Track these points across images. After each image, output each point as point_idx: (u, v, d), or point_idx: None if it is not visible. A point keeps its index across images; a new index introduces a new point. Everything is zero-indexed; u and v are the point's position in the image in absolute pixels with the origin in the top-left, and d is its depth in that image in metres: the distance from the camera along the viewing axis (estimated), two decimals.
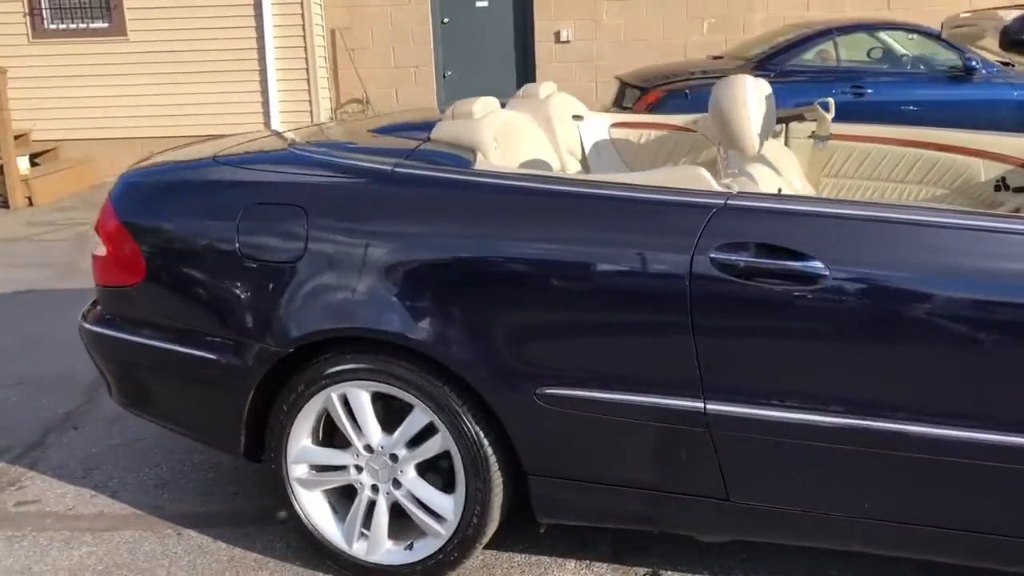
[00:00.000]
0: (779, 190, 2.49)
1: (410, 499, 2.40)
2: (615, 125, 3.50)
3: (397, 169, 2.34)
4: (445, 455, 2.35)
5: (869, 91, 7.47)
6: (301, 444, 2.45)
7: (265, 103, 9.81)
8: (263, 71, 9.71)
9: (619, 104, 8.27)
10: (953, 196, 3.24)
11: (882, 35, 7.85)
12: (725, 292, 2.00)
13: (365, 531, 2.47)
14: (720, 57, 8.54)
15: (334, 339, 2.34)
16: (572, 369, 2.16)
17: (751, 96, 2.42)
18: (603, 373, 2.13)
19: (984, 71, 7.59)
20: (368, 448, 2.40)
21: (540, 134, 2.91)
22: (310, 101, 9.87)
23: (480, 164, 2.36)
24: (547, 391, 2.18)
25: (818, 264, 1.95)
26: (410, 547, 2.45)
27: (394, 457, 2.39)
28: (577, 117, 3.38)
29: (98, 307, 2.73)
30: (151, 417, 2.76)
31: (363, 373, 2.33)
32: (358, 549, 2.47)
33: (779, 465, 2.07)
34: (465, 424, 2.27)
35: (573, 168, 3.22)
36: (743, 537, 2.22)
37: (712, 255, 2.01)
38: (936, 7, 10.15)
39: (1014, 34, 2.42)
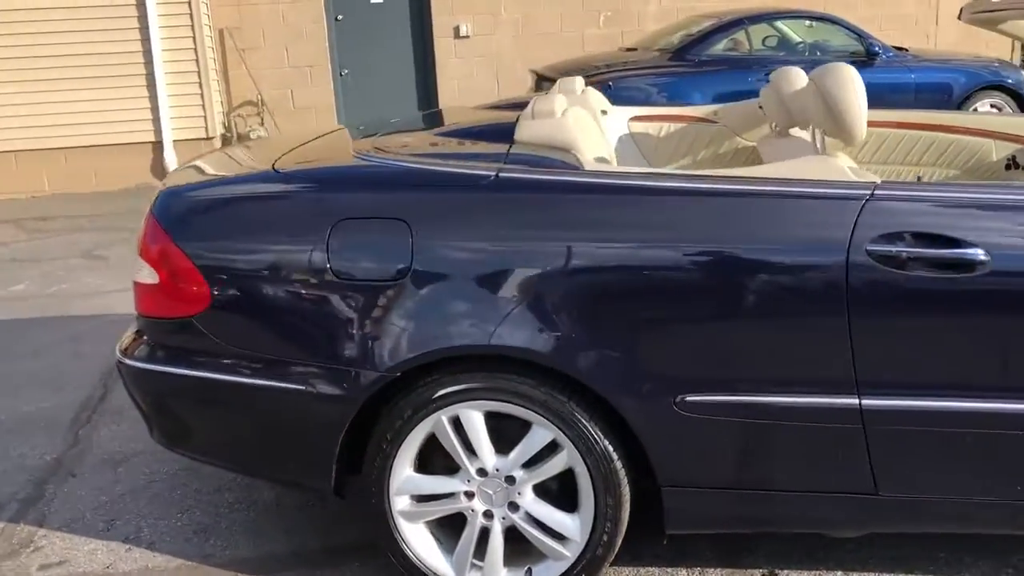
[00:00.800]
0: (918, 178, 2.48)
1: (529, 522, 2.26)
2: (634, 119, 3.44)
3: (502, 175, 2.19)
4: (564, 472, 2.23)
5: None
6: (405, 474, 2.27)
7: (155, 108, 9.20)
8: (150, 75, 9.11)
9: None
10: (965, 176, 3.34)
11: (790, 23, 8.11)
12: (885, 284, 1.97)
13: (477, 561, 2.32)
14: (633, 49, 8.62)
15: (444, 359, 2.17)
16: (716, 374, 2.07)
17: (860, 85, 2.40)
18: (750, 376, 2.06)
19: (884, 56, 7.97)
20: (481, 472, 2.25)
21: (596, 129, 2.81)
22: (203, 105, 9.34)
23: (590, 164, 2.24)
24: (688, 399, 2.09)
25: (979, 251, 1.94)
26: (528, 573, 2.31)
27: (510, 479, 2.24)
28: (603, 112, 3.29)
29: (143, 340, 2.45)
30: (207, 458, 2.50)
31: (478, 393, 2.18)
32: None
33: (933, 455, 2.06)
34: (594, 439, 2.15)
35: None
36: (883, 529, 2.20)
37: (869, 247, 1.97)
38: None
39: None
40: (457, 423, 2.22)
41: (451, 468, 2.28)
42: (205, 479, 3.07)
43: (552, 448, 2.21)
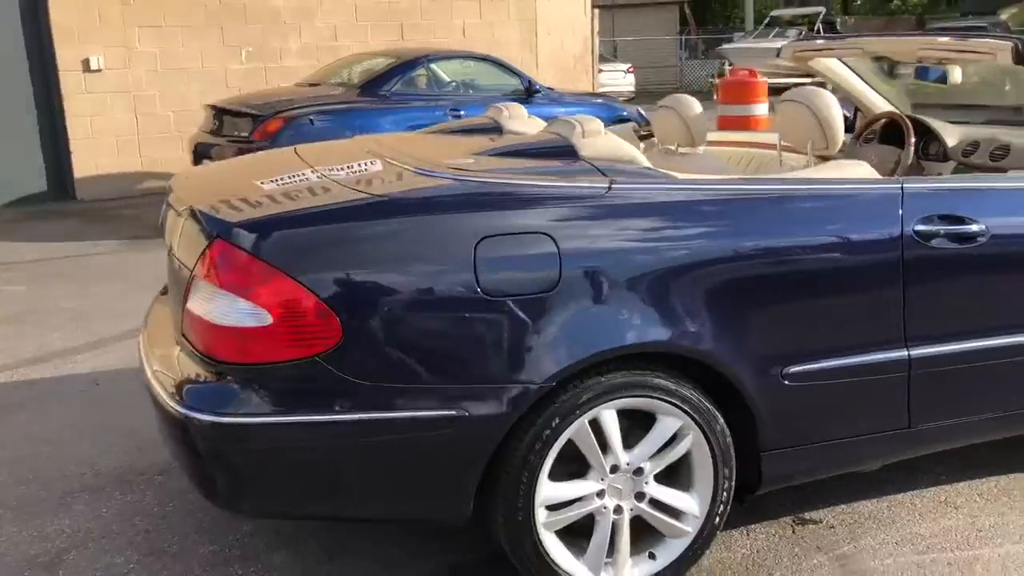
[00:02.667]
0: (939, 172, 3.06)
1: (654, 507, 2.43)
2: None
3: (613, 187, 2.35)
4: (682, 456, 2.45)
5: (462, 112, 8.28)
6: (546, 484, 2.31)
7: None
8: None
9: (218, 132, 7.90)
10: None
11: (459, 63, 8.79)
12: (926, 256, 2.51)
13: (607, 559, 2.42)
14: (316, 84, 8.63)
15: (591, 365, 2.27)
16: (812, 346, 2.46)
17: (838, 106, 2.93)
18: (835, 344, 2.48)
19: (541, 92, 8.93)
20: (613, 468, 2.37)
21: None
22: None
23: (671, 175, 2.48)
24: (792, 369, 2.44)
25: (982, 225, 2.57)
26: (652, 556, 2.47)
27: (638, 471, 2.40)
28: None
29: (234, 391, 2.15)
30: (305, 512, 2.30)
31: (616, 392, 2.31)
32: None
33: (954, 388, 2.65)
34: (714, 419, 2.40)
35: None
36: (903, 458, 2.75)
37: (916, 227, 2.50)
38: (442, 36, 11.47)
39: None
40: (594, 425, 2.32)
41: (577, 472, 2.36)
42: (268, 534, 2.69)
43: (674, 435, 2.41)
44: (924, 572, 2.57)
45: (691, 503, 2.46)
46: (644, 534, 2.47)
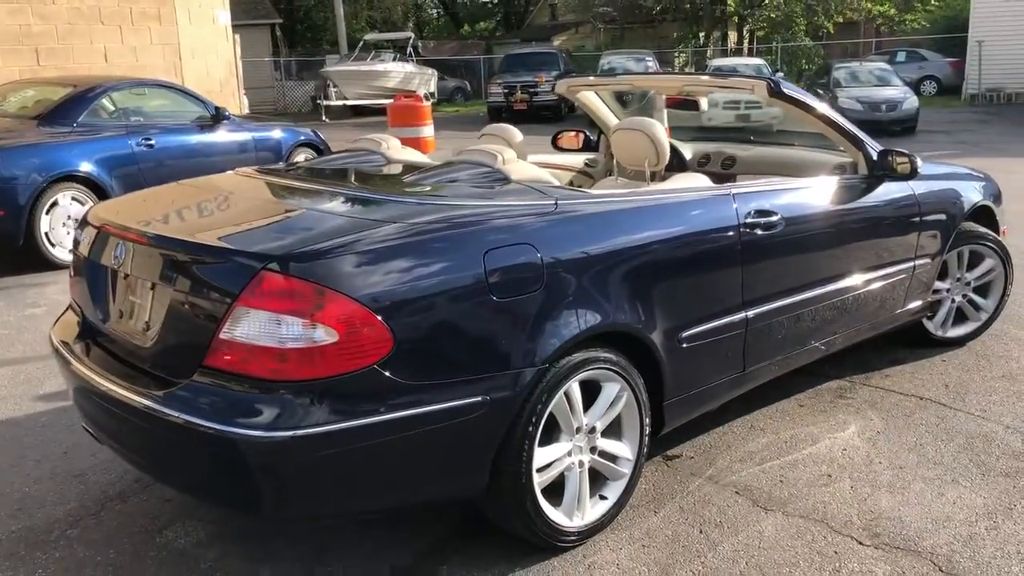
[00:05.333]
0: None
1: (603, 457, 3.03)
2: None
3: (559, 204, 2.91)
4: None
5: (154, 141, 8.07)
6: (537, 452, 2.80)
7: None
8: None
9: None
10: None
11: (148, 90, 8.47)
12: (751, 240, 3.39)
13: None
14: None
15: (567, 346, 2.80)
16: (694, 314, 3.22)
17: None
18: (707, 312, 3.27)
19: (226, 118, 8.92)
20: (578, 430, 2.93)
21: None
22: None
23: (587, 191, 3.09)
24: (684, 334, 3.19)
25: (779, 215, 3.51)
26: (603, 497, 3.06)
27: (592, 430, 2.98)
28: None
29: (292, 405, 2.36)
30: (350, 511, 2.55)
31: (580, 367, 2.86)
32: (577, 522, 2.95)
33: (772, 335, 3.57)
34: (637, 380, 3.06)
35: None
36: (740, 393, 3.62)
37: (744, 220, 3.37)
38: (82, 62, 10.82)
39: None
40: (566, 396, 2.86)
41: (549, 439, 2.88)
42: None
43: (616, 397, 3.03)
44: (768, 475, 3.45)
45: (626, 449, 3.09)
46: (594, 481, 3.06)
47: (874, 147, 4.12)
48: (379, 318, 2.41)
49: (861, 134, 4.15)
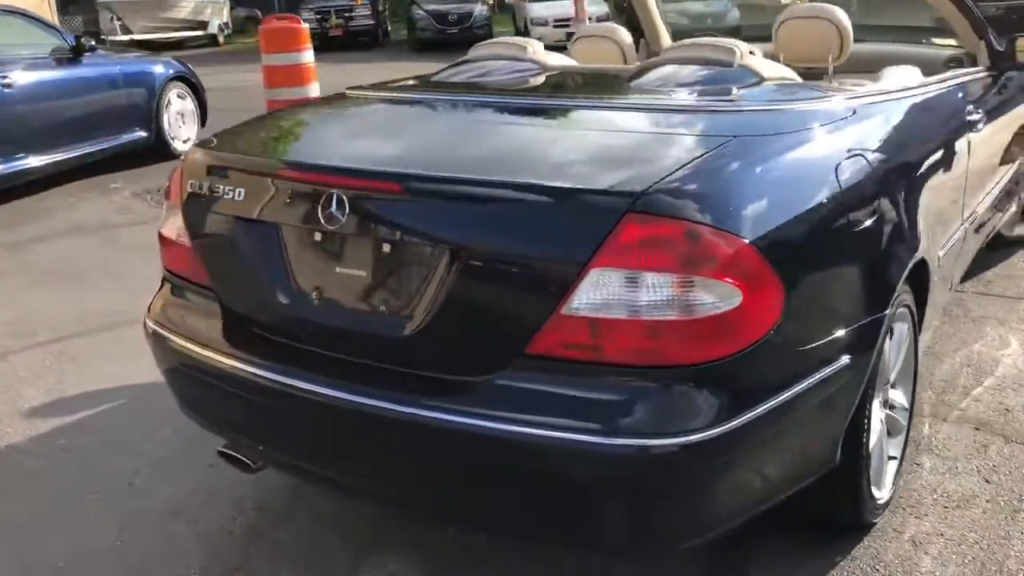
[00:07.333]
0: None
1: (891, 410, 2.51)
2: None
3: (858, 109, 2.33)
4: None
5: (8, 76, 6.63)
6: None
7: None
8: None
9: None
10: None
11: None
12: (971, 138, 2.96)
13: None
14: None
15: None
16: (948, 230, 2.75)
17: None
18: (952, 226, 2.80)
19: (91, 50, 7.50)
20: (884, 383, 2.40)
21: None
22: None
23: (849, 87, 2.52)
24: (940, 254, 2.71)
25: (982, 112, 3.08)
26: (892, 457, 2.52)
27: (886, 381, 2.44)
28: None
29: (696, 398, 1.68)
30: (733, 520, 1.90)
31: (899, 305, 2.31)
32: (884, 492, 2.43)
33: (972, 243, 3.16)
34: (916, 318, 2.55)
35: None
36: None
37: (967, 117, 2.92)
38: None
39: None
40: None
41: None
42: None
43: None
44: (984, 404, 3.08)
45: (903, 397, 2.57)
46: None
47: (995, 35, 3.75)
48: (772, 267, 1.76)
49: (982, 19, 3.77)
